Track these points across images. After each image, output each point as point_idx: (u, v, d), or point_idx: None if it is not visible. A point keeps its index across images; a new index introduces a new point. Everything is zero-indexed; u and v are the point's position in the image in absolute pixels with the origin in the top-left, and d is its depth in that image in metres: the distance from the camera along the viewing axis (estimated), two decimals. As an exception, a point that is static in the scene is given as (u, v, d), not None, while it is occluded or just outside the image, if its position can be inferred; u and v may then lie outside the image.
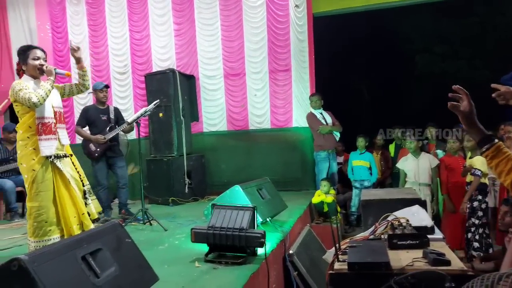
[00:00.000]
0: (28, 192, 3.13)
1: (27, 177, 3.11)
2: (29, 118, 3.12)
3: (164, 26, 7.23)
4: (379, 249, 2.05)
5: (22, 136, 3.13)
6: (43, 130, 3.12)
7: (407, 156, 5.40)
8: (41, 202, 3.10)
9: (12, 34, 7.77)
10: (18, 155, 3.17)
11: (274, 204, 4.52)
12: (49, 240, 3.14)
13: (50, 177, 3.15)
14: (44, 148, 3.11)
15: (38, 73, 3.23)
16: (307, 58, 6.69)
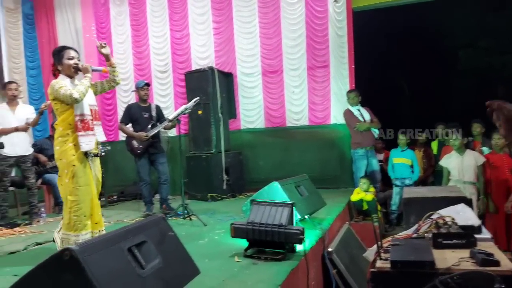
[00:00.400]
0: (67, 186, 3.22)
1: (67, 172, 3.21)
2: (69, 116, 3.24)
3: (204, 25, 7.33)
4: (423, 247, 2.01)
5: (62, 132, 3.25)
6: (82, 127, 3.24)
7: (451, 154, 5.20)
8: (80, 196, 3.21)
9: (60, 36, 8.12)
10: (57, 150, 3.27)
11: (312, 201, 4.50)
12: (86, 234, 3.25)
13: (88, 173, 3.29)
14: (83, 144, 3.22)
15: (73, 72, 3.37)
16: (346, 54, 6.59)
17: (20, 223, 5.07)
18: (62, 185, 3.28)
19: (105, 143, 7.12)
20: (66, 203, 3.24)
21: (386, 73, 8.83)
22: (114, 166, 7.76)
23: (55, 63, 3.39)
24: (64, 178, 3.24)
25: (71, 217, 3.22)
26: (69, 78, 3.37)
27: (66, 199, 3.25)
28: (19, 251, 3.81)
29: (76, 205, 3.21)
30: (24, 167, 5.21)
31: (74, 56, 3.39)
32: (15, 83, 5.39)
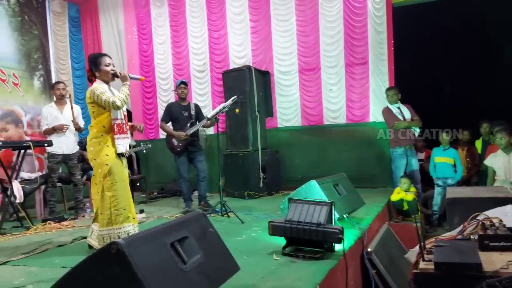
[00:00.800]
0: (104, 184, 3.38)
1: (100, 171, 3.39)
2: (104, 119, 3.43)
3: (241, 24, 7.39)
4: (468, 249, 1.94)
5: (96, 134, 3.44)
6: (118, 130, 3.45)
7: (497, 153, 4.99)
8: (118, 191, 3.40)
9: (103, 37, 8.43)
10: (91, 151, 3.45)
11: (351, 200, 4.44)
12: (128, 227, 3.43)
13: (122, 170, 3.48)
14: (119, 146, 3.45)
15: (111, 78, 3.56)
16: (385, 50, 6.46)
17: (66, 217, 5.31)
18: (96, 184, 3.44)
19: (146, 141, 7.35)
20: (106, 200, 3.39)
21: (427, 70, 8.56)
22: (154, 163, 7.99)
23: (92, 68, 3.56)
24: (97, 177, 3.42)
25: (111, 212, 3.39)
26: (106, 83, 3.55)
27: (102, 197, 3.40)
28: (66, 244, 3.99)
29: (115, 200, 3.39)
30: (70, 164, 5.45)
31: (110, 63, 3.57)
32: (63, 83, 5.64)
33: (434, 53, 8.92)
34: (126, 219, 3.43)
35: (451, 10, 7.96)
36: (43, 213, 5.59)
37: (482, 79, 9.09)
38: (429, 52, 8.76)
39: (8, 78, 7.01)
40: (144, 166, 7.98)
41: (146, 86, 8.21)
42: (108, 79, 3.56)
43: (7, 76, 7.01)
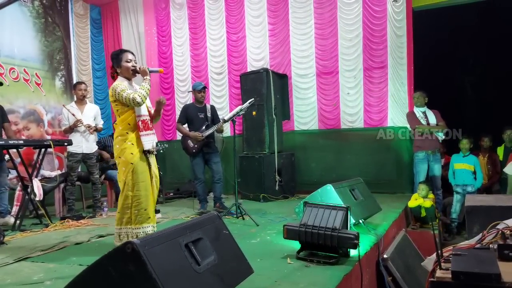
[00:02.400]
0: (127, 183, 3.38)
1: (125, 169, 3.39)
2: (129, 116, 3.43)
3: (259, 26, 7.40)
4: (488, 259, 1.90)
5: (121, 132, 3.44)
6: (143, 127, 3.44)
7: None
8: (141, 191, 3.39)
9: (124, 39, 8.56)
10: (116, 149, 3.45)
11: (367, 205, 4.39)
12: (147, 227, 3.42)
13: (146, 169, 3.46)
14: (146, 143, 3.42)
15: (131, 74, 3.55)
16: (405, 55, 6.38)
17: (84, 215, 5.39)
18: (120, 182, 3.45)
19: (163, 141, 7.42)
20: (127, 198, 3.40)
21: (448, 74, 8.42)
22: (171, 164, 8.05)
23: (114, 65, 3.59)
24: (121, 175, 3.42)
25: (132, 212, 3.39)
26: (127, 80, 3.55)
27: (126, 195, 3.40)
28: (83, 242, 4.05)
29: (137, 200, 3.38)
30: (89, 163, 5.54)
31: (132, 59, 3.56)
32: (84, 83, 5.75)
33: (455, 58, 8.77)
34: (147, 219, 3.43)
35: (473, 14, 7.82)
36: (62, 211, 5.70)
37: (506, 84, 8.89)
38: (450, 56, 8.62)
39: (31, 78, 7.19)
40: (161, 166, 7.96)
41: (164, 87, 8.30)
42: (129, 76, 3.56)
43: (30, 76, 7.18)
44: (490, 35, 8.39)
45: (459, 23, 8.16)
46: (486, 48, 8.55)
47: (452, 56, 8.74)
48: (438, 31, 7.83)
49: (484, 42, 8.50)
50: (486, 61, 8.74)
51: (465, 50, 8.81)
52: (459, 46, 8.75)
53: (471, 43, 8.69)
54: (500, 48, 8.59)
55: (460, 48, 8.78)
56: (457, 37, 8.55)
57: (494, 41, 8.46)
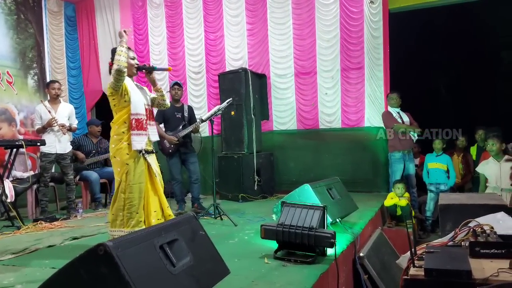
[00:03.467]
0: (121, 184, 3.25)
1: (120, 170, 3.25)
2: (125, 114, 3.28)
3: (238, 26, 7.38)
4: (459, 256, 1.94)
5: (117, 131, 3.30)
6: (136, 126, 3.28)
7: (488, 160, 5.01)
8: (134, 193, 3.24)
9: (99, 37, 8.40)
10: (112, 148, 3.31)
11: (344, 204, 4.44)
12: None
13: (142, 170, 3.31)
14: (135, 142, 3.26)
15: (135, 71, 3.44)
16: (381, 56, 6.46)
17: (58, 217, 5.26)
18: (116, 182, 3.34)
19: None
20: (120, 200, 3.27)
21: (423, 76, 8.59)
22: (148, 164, 7.94)
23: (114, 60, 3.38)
24: (117, 176, 3.30)
25: (124, 214, 3.26)
26: (129, 77, 3.40)
27: (119, 197, 3.27)
28: (57, 244, 3.95)
29: (129, 203, 3.25)
30: (63, 164, 5.41)
31: (135, 57, 3.47)
32: (58, 82, 5.60)
33: (430, 59, 8.95)
34: (138, 223, 3.27)
35: (448, 16, 8.00)
36: (35, 213, 5.54)
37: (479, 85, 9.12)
38: (425, 57, 8.79)
39: (2, 76, 6.97)
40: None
41: (141, 86, 8.17)
42: (131, 73, 3.43)
43: (1, 74, 6.96)
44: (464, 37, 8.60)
45: (434, 24, 8.35)
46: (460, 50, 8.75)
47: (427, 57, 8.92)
48: (414, 33, 7.98)
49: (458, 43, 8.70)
50: (460, 62, 8.96)
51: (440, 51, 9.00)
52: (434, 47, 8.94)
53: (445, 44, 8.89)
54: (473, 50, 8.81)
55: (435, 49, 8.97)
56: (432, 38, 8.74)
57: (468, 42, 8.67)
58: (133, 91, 3.34)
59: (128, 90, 3.29)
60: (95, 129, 6.41)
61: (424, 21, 7.80)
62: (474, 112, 8.48)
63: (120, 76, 3.17)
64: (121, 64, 3.15)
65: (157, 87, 3.57)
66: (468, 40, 8.66)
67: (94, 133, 6.42)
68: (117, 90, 3.25)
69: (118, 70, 3.14)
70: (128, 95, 3.28)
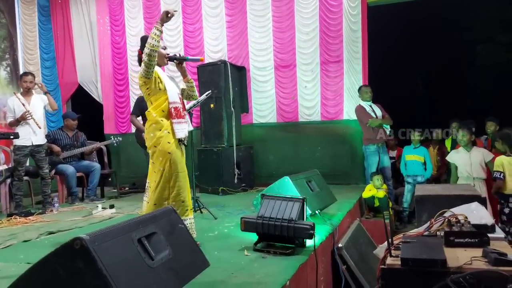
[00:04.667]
0: (164, 174, 3.15)
1: (162, 159, 3.14)
2: (163, 102, 3.17)
3: (217, 18, 7.32)
4: (434, 246, 1.98)
5: (155, 119, 3.16)
6: (175, 114, 3.20)
7: (458, 150, 5.14)
8: (181, 182, 3.18)
9: (74, 28, 8.19)
10: (150, 137, 3.18)
11: (323, 196, 4.48)
12: (186, 220, 3.13)
13: (183, 159, 3.27)
14: (178, 131, 3.19)
15: (166, 61, 3.35)
16: (360, 49, 6.52)
17: (33, 212, 5.15)
18: (155, 172, 3.20)
19: (117, 135, 7.21)
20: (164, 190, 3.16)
21: (401, 69, 8.72)
22: (126, 158, 7.85)
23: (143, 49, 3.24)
24: (157, 165, 3.17)
25: (169, 203, 3.16)
26: (159, 66, 3.30)
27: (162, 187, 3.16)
28: (32, 239, 3.87)
29: (177, 191, 3.17)
30: (38, 157, 5.28)
31: (166, 47, 3.39)
32: (32, 75, 5.41)
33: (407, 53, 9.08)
34: (185, 212, 3.22)
35: (426, 11, 8.13)
36: (9, 207, 5.41)
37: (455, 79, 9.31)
38: (402, 51, 8.92)
39: (-28, 67, 6.73)
40: (115, 161, 7.83)
41: (118, 78, 8.03)
42: (161, 63, 3.33)
43: (-28, 65, 6.72)
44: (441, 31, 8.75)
45: (412, 19, 8.46)
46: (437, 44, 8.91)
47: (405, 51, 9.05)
48: (392, 27, 8.07)
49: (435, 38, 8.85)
50: (437, 56, 9.13)
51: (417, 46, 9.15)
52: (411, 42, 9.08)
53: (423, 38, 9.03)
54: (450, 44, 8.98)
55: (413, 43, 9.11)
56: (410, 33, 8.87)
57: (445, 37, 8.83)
58: (166, 80, 3.27)
59: (161, 78, 3.21)
60: (71, 123, 6.26)
61: (402, 15, 7.89)
62: (449, 105, 8.66)
63: (151, 60, 3.02)
64: (153, 48, 2.99)
65: (187, 78, 3.50)
66: (445, 35, 8.82)
67: (70, 127, 6.27)
68: (149, 78, 3.12)
69: (149, 54, 2.98)
70: (162, 83, 3.19)
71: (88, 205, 5.58)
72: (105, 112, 8.01)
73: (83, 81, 8.11)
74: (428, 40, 8.90)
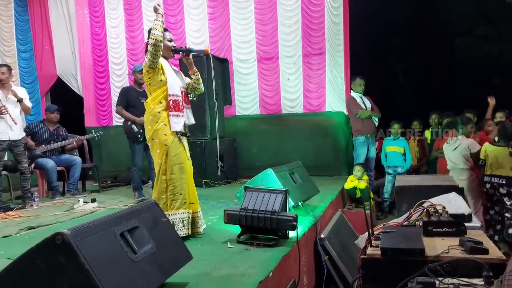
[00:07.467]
0: (161, 166, 3.21)
1: (159, 152, 3.21)
2: (161, 94, 3.23)
3: (198, 9, 7.24)
4: (413, 235, 2.03)
5: (153, 111, 3.23)
6: (173, 107, 3.25)
7: (447, 140, 5.24)
8: (175, 174, 3.22)
9: (52, 19, 7.99)
10: (148, 130, 3.25)
11: (306, 188, 4.52)
12: (184, 213, 3.23)
13: (181, 151, 3.31)
14: (174, 124, 3.24)
15: (172, 54, 3.39)
16: (342, 42, 6.56)
17: (13, 207, 5.06)
18: (156, 165, 3.28)
19: (98, 128, 7.11)
20: (162, 182, 3.22)
21: (382, 61, 8.82)
22: (107, 151, 7.75)
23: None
24: (157, 158, 3.25)
25: (167, 196, 3.22)
26: (164, 58, 3.35)
27: (160, 179, 3.23)
28: (12, 235, 3.80)
29: (172, 184, 3.22)
30: (16, 152, 5.17)
31: (172, 39, 3.41)
32: (6, 66, 5.25)
33: (389, 46, 9.19)
34: (183, 205, 3.24)
35: (407, 3, 8.22)
36: (-13, 203, 5.28)
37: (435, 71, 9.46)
38: (384, 44, 9.01)
39: None
40: (97, 154, 7.72)
41: (98, 71, 7.90)
42: (167, 55, 3.39)
43: None
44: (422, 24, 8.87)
45: (393, 12, 8.55)
46: (418, 37, 9.03)
47: (387, 43, 9.15)
48: (374, 19, 8.14)
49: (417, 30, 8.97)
50: (418, 48, 9.25)
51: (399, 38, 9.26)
52: (393, 34, 9.18)
53: (404, 31, 9.14)
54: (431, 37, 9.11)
55: (394, 36, 9.22)
56: (391, 26, 8.97)
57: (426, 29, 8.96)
58: (169, 72, 3.31)
59: (164, 70, 3.26)
60: (50, 116, 6.13)
61: (383, 7, 7.97)
62: (429, 97, 8.80)
63: (156, 50, 3.11)
64: (157, 37, 3.10)
65: (193, 70, 3.53)
66: (425, 28, 8.94)
67: (50, 120, 6.15)
68: (153, 68, 3.20)
69: (154, 44, 3.10)
70: (164, 74, 3.25)
71: (69, 200, 5.50)
72: (85, 105, 7.88)
73: (62, 73, 7.95)
74: (409, 32, 9.01)
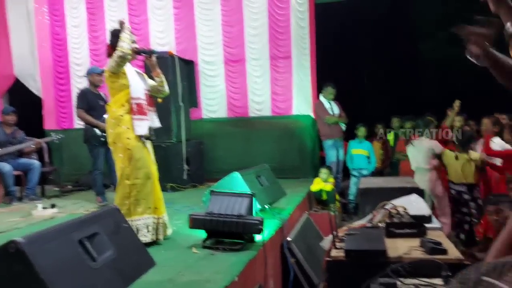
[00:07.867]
0: (124, 170, 3.13)
1: (122, 156, 3.13)
2: (123, 97, 3.16)
3: (163, 10, 7.14)
4: (376, 237, 2.06)
5: (115, 114, 3.15)
6: (137, 110, 3.18)
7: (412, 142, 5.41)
8: (139, 179, 3.14)
9: (10, 17, 7.64)
10: (110, 134, 3.18)
11: (272, 191, 4.53)
12: (148, 219, 3.15)
13: (145, 155, 3.23)
14: (137, 127, 3.16)
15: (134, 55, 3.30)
16: (308, 45, 6.63)
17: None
18: (118, 170, 3.19)
19: (59, 131, 6.85)
20: (124, 188, 3.12)
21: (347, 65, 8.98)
22: (68, 154, 7.49)
23: (114, 44, 3.21)
24: (119, 162, 3.14)
25: (131, 202, 3.12)
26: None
27: (123, 184, 3.13)
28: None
29: (136, 189, 3.12)
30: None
31: (134, 40, 3.31)
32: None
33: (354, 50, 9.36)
34: (146, 209, 3.15)
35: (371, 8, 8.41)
36: None
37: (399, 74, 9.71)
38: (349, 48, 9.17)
39: None
40: (57, 157, 7.44)
41: (59, 71, 7.62)
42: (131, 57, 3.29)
43: None
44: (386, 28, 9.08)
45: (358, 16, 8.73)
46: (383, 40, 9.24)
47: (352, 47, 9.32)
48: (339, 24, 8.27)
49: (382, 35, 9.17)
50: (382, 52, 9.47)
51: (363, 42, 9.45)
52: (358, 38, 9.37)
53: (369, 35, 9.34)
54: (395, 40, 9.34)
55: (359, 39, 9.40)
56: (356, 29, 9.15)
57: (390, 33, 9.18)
58: (132, 75, 3.25)
59: (127, 73, 3.20)
60: (6, 118, 5.85)
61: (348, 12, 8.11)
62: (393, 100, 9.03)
63: (122, 62, 3.11)
64: (125, 51, 3.07)
65: (157, 72, 3.46)
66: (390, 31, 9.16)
67: (6, 122, 5.86)
68: (115, 73, 3.15)
69: (121, 56, 3.07)
70: (126, 78, 3.19)
71: (27, 205, 5.26)
72: (45, 107, 7.58)
73: (20, 73, 7.62)
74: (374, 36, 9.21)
